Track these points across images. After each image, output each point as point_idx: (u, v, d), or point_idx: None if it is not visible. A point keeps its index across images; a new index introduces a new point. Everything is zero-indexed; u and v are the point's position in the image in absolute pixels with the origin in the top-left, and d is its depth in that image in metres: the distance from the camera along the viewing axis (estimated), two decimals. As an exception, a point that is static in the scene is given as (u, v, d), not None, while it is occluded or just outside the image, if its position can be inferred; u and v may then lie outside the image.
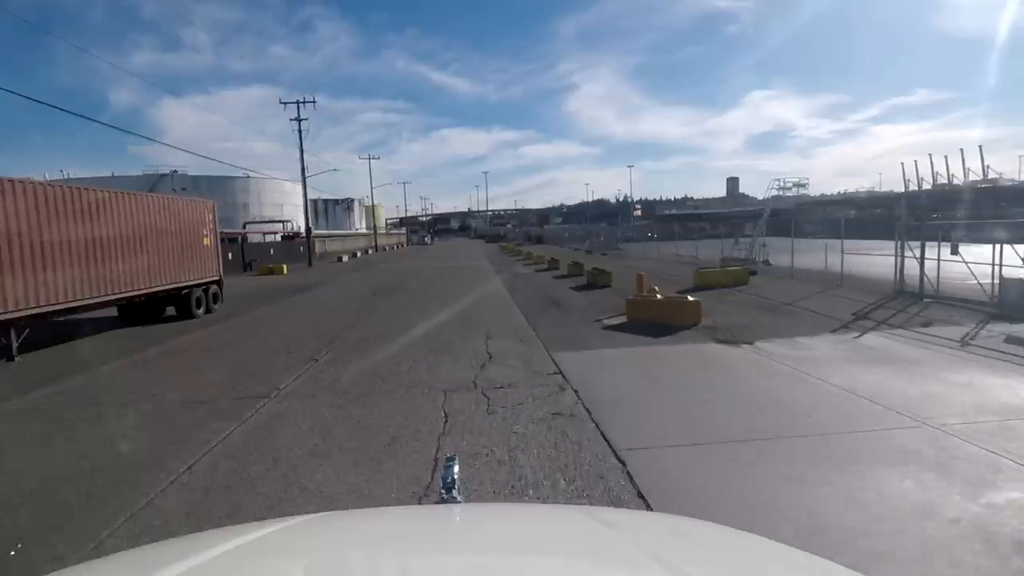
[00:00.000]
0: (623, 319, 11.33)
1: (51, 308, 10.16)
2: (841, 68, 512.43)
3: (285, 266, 32.77)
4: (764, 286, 15.53)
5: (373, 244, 68.85)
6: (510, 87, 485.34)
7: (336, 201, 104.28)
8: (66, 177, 56.23)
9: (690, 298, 10.35)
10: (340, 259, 45.73)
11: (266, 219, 58.90)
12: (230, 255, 34.15)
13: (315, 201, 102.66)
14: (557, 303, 14.59)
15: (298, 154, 42.49)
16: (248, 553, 1.06)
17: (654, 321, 10.58)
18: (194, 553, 1.04)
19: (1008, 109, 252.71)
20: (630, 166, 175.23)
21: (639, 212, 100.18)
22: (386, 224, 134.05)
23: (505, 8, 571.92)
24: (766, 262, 26.21)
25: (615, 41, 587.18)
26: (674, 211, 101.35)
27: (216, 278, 15.91)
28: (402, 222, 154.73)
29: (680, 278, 18.53)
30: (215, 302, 15.77)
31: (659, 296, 10.86)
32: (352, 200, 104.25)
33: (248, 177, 61.23)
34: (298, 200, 72.46)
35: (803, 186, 26.57)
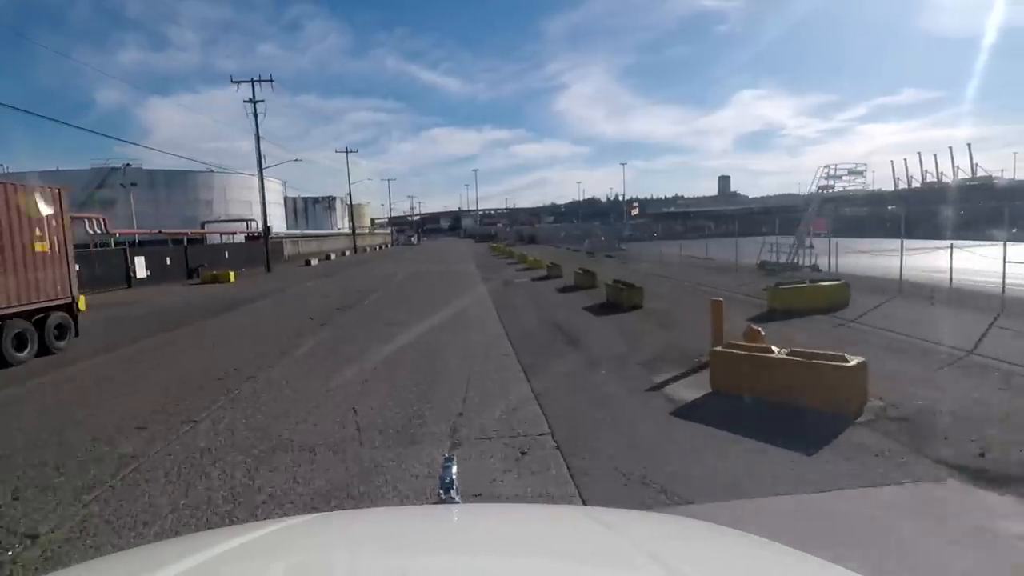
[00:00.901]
0: (700, 386, 6.33)
1: None
2: (829, 67, 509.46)
3: (233, 273, 27.47)
4: (879, 310, 10.56)
5: (353, 245, 63.45)
6: (500, 86, 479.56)
7: (316, 199, 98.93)
8: (5, 172, 50.59)
9: (851, 360, 5.32)
10: (308, 262, 40.44)
11: (232, 218, 53.36)
12: (168, 260, 28.84)
13: (294, 199, 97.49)
14: (574, 340, 9.53)
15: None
16: (246, 554, 1.05)
17: (766, 395, 5.61)
18: (192, 553, 1.03)
19: (992, 109, 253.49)
20: (623, 163, 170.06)
21: (636, 210, 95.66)
22: (372, 224, 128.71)
23: (494, 7, 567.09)
24: (815, 267, 21.40)
25: (604, 41, 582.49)
26: (672, 209, 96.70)
27: (63, 300, 10.70)
28: (390, 222, 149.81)
29: (731, 293, 13.56)
30: (61, 337, 10.55)
31: (777, 351, 5.82)
32: (334, 198, 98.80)
33: (212, 172, 55.76)
34: (270, 197, 67.02)
35: (860, 173, 21.61)
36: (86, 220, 26.31)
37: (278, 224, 64.92)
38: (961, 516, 3.55)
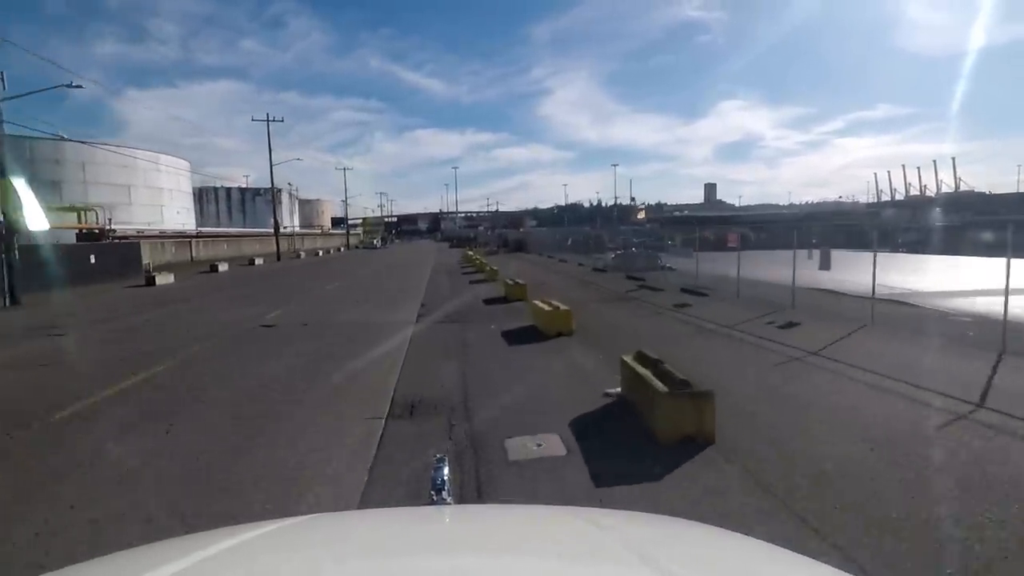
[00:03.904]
0: None
1: None
2: (808, 81, 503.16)
3: None
4: None
5: (276, 249, 46.55)
6: (484, 89, 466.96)
7: (258, 191, 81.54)
8: None
9: None
10: (151, 281, 23.84)
11: (64, 206, 36.05)
12: None
13: (228, 190, 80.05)
14: None
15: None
16: (237, 556, 1.03)
17: None
18: (184, 555, 1.03)
19: (964, 126, 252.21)
20: (615, 165, 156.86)
21: (643, 214, 79.76)
22: (333, 223, 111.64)
23: (480, 11, 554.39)
24: None
25: (589, 47, 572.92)
26: (686, 213, 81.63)
27: None
28: (364, 222, 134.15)
29: None
30: None
31: None
32: (279, 191, 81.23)
33: (63, 140, 38.65)
34: (163, 182, 49.82)
35: None
36: None
37: (177, 217, 47.87)
38: None
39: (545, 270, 27.12)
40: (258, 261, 39.22)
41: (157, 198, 45.36)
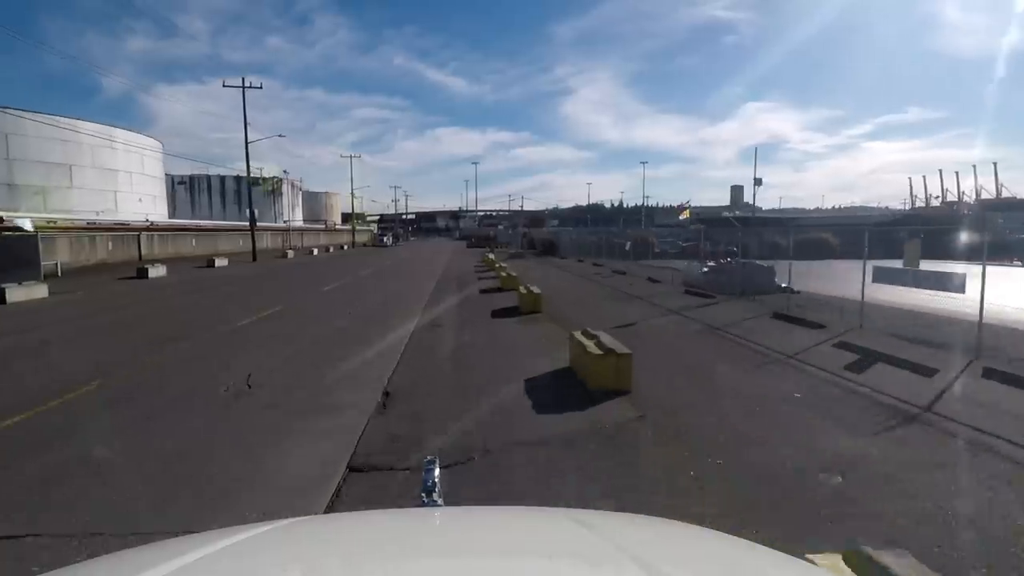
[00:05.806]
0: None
1: None
2: (836, 83, 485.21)
3: None
4: None
5: (252, 248, 37.82)
6: (507, 88, 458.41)
7: (257, 180, 73.27)
8: None
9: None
10: (2, 298, 15.34)
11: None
12: None
13: (222, 179, 72.14)
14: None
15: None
16: (229, 559, 1.01)
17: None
18: (179, 556, 1.00)
19: (997, 131, 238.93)
20: (644, 163, 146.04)
21: (686, 214, 68.95)
22: (343, 219, 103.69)
23: (504, 9, 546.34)
24: None
25: (613, 47, 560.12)
26: (737, 213, 71.35)
27: None
28: (382, 219, 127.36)
29: None
30: None
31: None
32: (279, 180, 73.07)
33: (-20, 104, 30.40)
34: (119, 163, 41.56)
35: None
36: None
37: (139, 206, 39.68)
38: None
39: (608, 291, 17.94)
40: (221, 263, 30.53)
41: (110, 182, 37.08)
